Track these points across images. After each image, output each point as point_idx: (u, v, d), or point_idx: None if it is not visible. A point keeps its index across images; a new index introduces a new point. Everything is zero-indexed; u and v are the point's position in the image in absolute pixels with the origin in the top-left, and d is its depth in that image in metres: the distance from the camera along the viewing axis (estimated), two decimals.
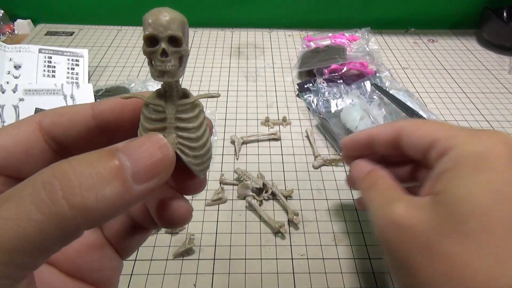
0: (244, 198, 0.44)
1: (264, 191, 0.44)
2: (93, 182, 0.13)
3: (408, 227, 0.25)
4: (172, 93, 0.17)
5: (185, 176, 0.19)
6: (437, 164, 0.26)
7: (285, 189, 0.45)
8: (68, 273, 0.19)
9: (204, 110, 0.18)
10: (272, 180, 0.46)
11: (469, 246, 0.22)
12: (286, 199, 0.44)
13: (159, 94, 0.17)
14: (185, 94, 0.18)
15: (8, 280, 0.12)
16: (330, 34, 0.72)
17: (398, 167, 0.33)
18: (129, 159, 0.14)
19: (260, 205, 0.43)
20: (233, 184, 0.46)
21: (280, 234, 0.40)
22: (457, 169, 0.25)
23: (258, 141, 0.52)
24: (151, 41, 0.15)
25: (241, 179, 0.45)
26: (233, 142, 0.52)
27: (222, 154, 0.50)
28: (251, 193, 0.44)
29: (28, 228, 0.12)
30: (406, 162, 0.32)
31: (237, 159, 0.49)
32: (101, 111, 0.18)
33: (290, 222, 0.41)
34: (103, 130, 0.18)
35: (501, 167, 0.24)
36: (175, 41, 0.15)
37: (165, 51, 0.15)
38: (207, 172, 0.20)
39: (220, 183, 0.46)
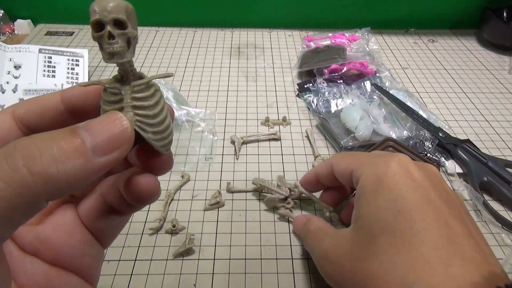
0: (274, 210, 0.43)
1: (290, 196, 0.42)
2: (53, 153, 0.13)
3: (334, 259, 0.29)
4: (128, 76, 0.18)
5: (150, 155, 0.19)
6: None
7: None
8: (50, 262, 0.19)
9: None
10: (286, 179, 0.44)
11: (381, 262, 0.25)
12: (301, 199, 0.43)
13: (116, 79, 0.18)
14: (141, 77, 0.19)
15: None
16: (330, 34, 0.72)
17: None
18: (90, 134, 0.15)
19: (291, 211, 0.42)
20: (243, 192, 0.45)
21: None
22: (364, 194, 0.28)
23: (258, 141, 0.52)
24: (98, 26, 0.16)
25: (262, 191, 0.43)
26: (233, 142, 0.52)
27: (222, 154, 0.50)
28: (280, 204, 0.42)
29: None
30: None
31: (237, 159, 0.49)
32: (68, 97, 0.19)
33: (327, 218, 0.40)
34: (72, 115, 0.19)
35: (394, 185, 0.27)
36: (120, 24, 0.16)
37: (111, 34, 0.16)
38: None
39: (227, 191, 0.45)
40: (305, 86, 0.63)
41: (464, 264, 0.23)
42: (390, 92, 0.57)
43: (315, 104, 0.57)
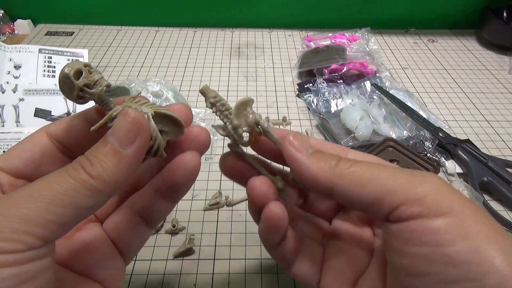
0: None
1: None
2: (99, 160, 0.18)
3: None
4: (108, 103, 0.22)
5: (178, 147, 0.23)
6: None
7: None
8: (78, 272, 0.22)
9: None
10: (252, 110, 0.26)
11: None
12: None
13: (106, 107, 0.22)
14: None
15: (46, 230, 0.16)
16: (330, 34, 0.72)
17: None
18: (113, 135, 0.19)
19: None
20: (243, 201, 0.44)
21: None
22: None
23: None
24: (78, 75, 0.20)
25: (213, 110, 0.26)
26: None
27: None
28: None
29: (65, 187, 0.17)
30: None
31: None
32: (91, 114, 0.22)
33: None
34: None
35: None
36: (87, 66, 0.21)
37: (89, 70, 0.21)
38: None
39: (227, 205, 0.43)
40: (305, 86, 0.63)
41: None
42: (390, 92, 0.57)
43: (315, 104, 0.57)
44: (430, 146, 0.49)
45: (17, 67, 0.57)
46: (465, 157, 0.48)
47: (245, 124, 0.24)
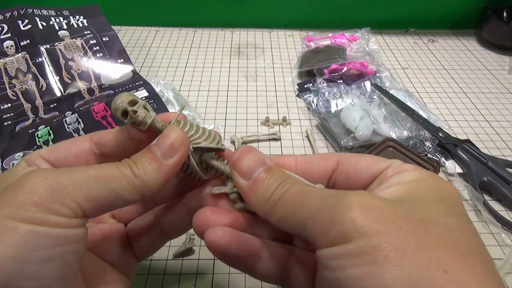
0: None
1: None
2: (143, 164, 0.21)
3: None
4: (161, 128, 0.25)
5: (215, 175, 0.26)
6: None
7: None
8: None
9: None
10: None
11: None
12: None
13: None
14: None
15: (89, 205, 0.19)
16: (330, 34, 0.72)
17: None
18: (158, 147, 0.22)
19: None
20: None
21: None
22: None
23: (258, 141, 0.52)
24: (124, 115, 0.23)
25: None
26: (233, 142, 0.52)
27: None
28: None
29: (112, 176, 0.20)
30: None
31: None
32: (133, 131, 0.24)
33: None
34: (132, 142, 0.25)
35: None
36: (134, 102, 0.23)
37: (134, 111, 0.23)
38: None
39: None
40: (305, 86, 0.63)
41: None
42: (390, 92, 0.57)
43: (315, 104, 0.57)
44: (430, 146, 0.49)
45: None
46: (465, 157, 0.48)
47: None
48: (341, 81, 0.61)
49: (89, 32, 0.62)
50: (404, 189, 0.19)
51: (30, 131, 0.49)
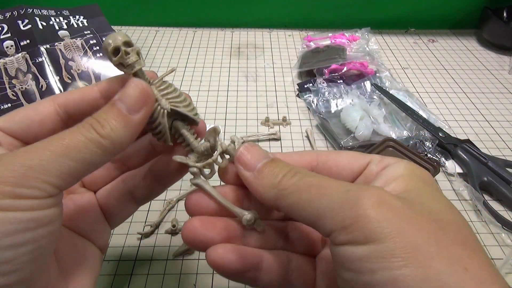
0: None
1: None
2: (108, 122, 0.20)
3: None
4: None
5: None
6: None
7: None
8: (68, 228, 0.24)
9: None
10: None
11: None
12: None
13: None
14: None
15: (60, 180, 0.18)
16: (330, 34, 0.72)
17: None
18: (122, 101, 0.21)
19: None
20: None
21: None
22: None
23: (258, 141, 0.52)
24: (115, 52, 0.21)
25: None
26: (233, 142, 0.51)
27: None
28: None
29: (77, 143, 0.19)
30: None
31: None
32: (103, 87, 0.24)
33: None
34: (105, 100, 0.23)
35: None
36: (128, 44, 0.22)
37: (126, 51, 0.22)
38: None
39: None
40: (305, 86, 0.63)
41: None
42: (390, 92, 0.57)
43: (315, 104, 0.57)
44: (430, 146, 0.49)
45: None
46: (465, 157, 0.48)
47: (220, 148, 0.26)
48: (341, 81, 0.61)
49: (89, 32, 0.62)
50: (404, 185, 0.20)
51: None
